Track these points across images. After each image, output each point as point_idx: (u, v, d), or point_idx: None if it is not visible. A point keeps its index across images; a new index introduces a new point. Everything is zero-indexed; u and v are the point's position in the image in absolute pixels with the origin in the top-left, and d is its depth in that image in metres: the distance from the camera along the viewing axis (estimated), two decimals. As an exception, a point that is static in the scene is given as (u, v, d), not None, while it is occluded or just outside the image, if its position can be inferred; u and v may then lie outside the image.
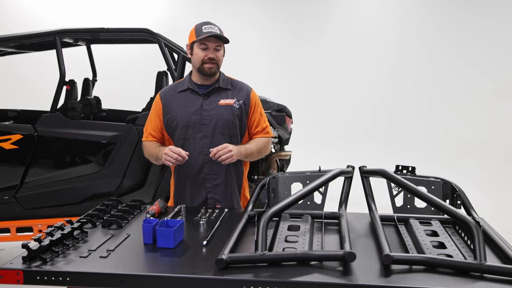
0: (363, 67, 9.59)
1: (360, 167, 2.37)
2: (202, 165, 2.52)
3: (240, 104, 2.55)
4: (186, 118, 2.50)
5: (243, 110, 2.56)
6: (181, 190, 2.58)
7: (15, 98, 7.94)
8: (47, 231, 1.84)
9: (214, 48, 2.44)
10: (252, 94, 2.61)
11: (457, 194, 2.20)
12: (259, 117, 2.62)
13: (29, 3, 9.14)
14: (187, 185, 2.56)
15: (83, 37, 4.42)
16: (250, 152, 2.54)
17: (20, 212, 3.94)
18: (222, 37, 2.43)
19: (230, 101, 2.53)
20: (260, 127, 2.62)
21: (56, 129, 3.94)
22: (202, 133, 2.50)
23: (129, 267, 1.68)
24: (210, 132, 2.50)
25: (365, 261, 1.70)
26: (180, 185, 2.59)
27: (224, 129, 2.51)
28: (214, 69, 2.47)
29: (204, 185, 2.53)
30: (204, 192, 2.54)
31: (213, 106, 2.52)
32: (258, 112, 2.62)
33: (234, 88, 2.59)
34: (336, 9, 9.91)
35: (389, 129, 9.31)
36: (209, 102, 2.52)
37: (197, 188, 2.54)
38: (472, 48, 9.20)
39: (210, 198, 2.54)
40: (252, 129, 2.62)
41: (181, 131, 2.51)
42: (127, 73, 8.92)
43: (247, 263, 1.66)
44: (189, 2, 9.82)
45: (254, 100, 2.61)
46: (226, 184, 2.55)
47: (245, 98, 2.57)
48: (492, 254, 1.79)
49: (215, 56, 2.45)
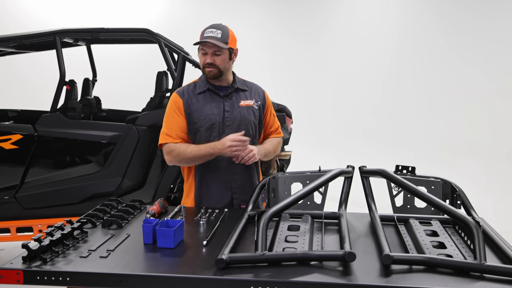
0: (363, 67, 9.59)
1: (360, 167, 2.37)
2: (227, 166, 2.51)
3: (258, 105, 2.58)
4: (210, 120, 2.48)
5: (261, 111, 2.60)
6: (205, 191, 2.54)
7: (15, 98, 7.94)
8: (47, 231, 1.84)
9: (212, 53, 2.42)
10: (266, 96, 2.66)
11: (457, 194, 2.20)
12: (273, 117, 2.68)
13: (29, 3, 9.14)
14: (212, 186, 2.53)
15: (83, 37, 4.42)
16: (268, 151, 2.58)
17: (20, 212, 3.94)
18: (213, 43, 2.37)
19: (250, 102, 2.55)
20: (273, 128, 2.68)
21: (56, 129, 3.94)
22: (226, 134, 2.47)
23: (129, 267, 1.68)
24: (233, 133, 2.47)
25: (365, 261, 1.70)
26: (203, 186, 2.54)
27: (247, 130, 2.50)
28: (213, 73, 2.45)
29: (230, 186, 2.53)
30: (230, 192, 2.53)
31: (235, 107, 2.52)
32: (271, 113, 2.67)
33: (249, 89, 2.61)
34: (336, 9, 9.91)
35: (389, 129, 9.31)
36: (230, 103, 2.52)
37: (222, 190, 2.53)
38: (472, 47, 9.20)
39: (235, 199, 2.53)
40: (267, 129, 2.67)
41: (206, 133, 2.48)
42: (127, 73, 8.92)
43: (247, 263, 1.66)
44: (189, 2, 9.82)
45: (268, 102, 2.66)
46: (248, 185, 2.56)
47: (262, 99, 2.62)
48: (492, 254, 1.79)
49: (214, 61, 2.43)
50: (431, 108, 9.41)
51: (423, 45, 9.47)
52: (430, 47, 9.44)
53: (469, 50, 9.22)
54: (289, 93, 8.57)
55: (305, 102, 9.29)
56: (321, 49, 9.79)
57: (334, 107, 9.67)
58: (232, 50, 2.47)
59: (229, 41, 2.44)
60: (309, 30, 9.84)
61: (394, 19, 9.65)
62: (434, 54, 9.43)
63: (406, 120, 9.38)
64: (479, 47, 9.16)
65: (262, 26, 9.86)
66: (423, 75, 9.48)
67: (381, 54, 9.61)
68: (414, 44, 9.52)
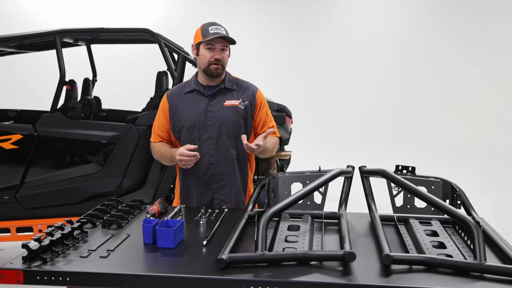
0: (364, 67, 9.60)
1: (360, 167, 2.37)
2: (208, 166, 2.51)
3: (245, 105, 2.54)
4: (192, 119, 2.51)
5: (248, 111, 2.56)
6: (188, 191, 2.58)
7: (15, 98, 7.95)
8: (47, 231, 1.84)
9: (220, 49, 2.44)
10: (258, 94, 2.60)
11: (457, 194, 2.20)
12: (265, 117, 2.60)
13: (29, 3, 9.14)
14: (193, 186, 2.55)
15: (83, 37, 4.42)
16: (266, 147, 2.49)
17: (20, 212, 3.94)
18: (229, 38, 2.43)
19: (235, 102, 2.53)
20: (266, 127, 2.60)
21: (56, 129, 3.94)
22: (208, 135, 2.50)
23: (129, 267, 1.68)
24: (215, 133, 2.50)
25: (365, 261, 1.70)
26: (186, 186, 2.58)
27: (229, 130, 2.50)
28: (220, 70, 2.47)
29: (210, 186, 2.53)
30: (210, 193, 2.54)
31: (218, 107, 2.51)
32: (264, 112, 2.60)
33: (239, 88, 2.58)
34: (336, 9, 9.91)
35: (389, 129, 9.31)
36: (214, 103, 2.52)
37: (203, 189, 2.54)
38: (472, 47, 9.20)
39: (216, 199, 2.53)
40: (259, 129, 2.60)
41: (187, 132, 2.52)
42: (127, 73, 8.92)
43: (247, 263, 1.66)
44: (189, 2, 9.82)
45: (260, 100, 2.60)
46: (231, 185, 2.54)
47: (251, 98, 2.57)
48: (492, 254, 1.79)
49: (221, 57, 2.45)
50: (431, 108, 9.41)
51: (423, 45, 9.47)
52: (430, 47, 9.44)
53: (469, 50, 9.22)
54: (289, 93, 8.57)
55: (305, 102, 9.29)
56: (321, 49, 9.79)
57: (334, 107, 9.67)
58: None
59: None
60: (309, 30, 9.84)
61: (394, 19, 9.65)
62: (434, 54, 9.43)
63: (406, 120, 9.38)
64: (479, 47, 9.16)
65: (262, 26, 9.86)
66: (423, 75, 9.48)
67: (381, 54, 9.62)
68: (414, 44, 9.52)
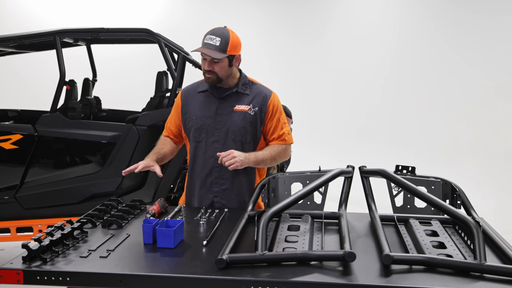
0: (363, 67, 9.59)
1: (360, 167, 2.37)
2: (211, 169, 2.50)
3: (255, 111, 2.49)
4: (201, 121, 2.50)
5: (258, 117, 2.49)
6: (191, 192, 2.58)
7: (15, 98, 7.94)
8: (47, 231, 1.84)
9: (211, 60, 2.38)
10: (271, 100, 2.52)
11: (457, 194, 2.20)
12: (276, 123, 2.52)
13: (29, 3, 9.14)
14: (196, 186, 2.55)
15: (83, 37, 4.42)
16: (262, 158, 2.45)
17: (20, 212, 3.94)
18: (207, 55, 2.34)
19: (245, 107, 2.48)
20: (276, 134, 2.53)
21: (56, 129, 3.94)
22: (215, 138, 2.48)
23: (129, 267, 1.68)
24: (222, 137, 2.47)
25: (365, 261, 1.70)
26: (191, 187, 2.59)
27: (236, 136, 2.47)
28: (212, 80, 2.43)
29: (212, 189, 2.52)
30: (211, 195, 2.53)
31: (227, 111, 2.48)
32: (276, 119, 2.52)
33: (252, 93, 2.52)
34: (336, 8, 9.91)
35: (389, 129, 9.30)
36: (224, 106, 2.49)
37: (205, 191, 2.53)
38: (472, 47, 9.19)
39: (216, 202, 2.52)
40: (268, 135, 2.54)
41: (195, 133, 2.51)
42: (127, 73, 8.91)
43: (247, 263, 1.66)
44: (189, 2, 9.81)
45: (272, 106, 2.51)
46: (233, 190, 2.51)
47: (262, 104, 2.49)
48: (492, 254, 1.79)
49: (212, 68, 2.39)
50: (431, 108, 9.40)
51: (423, 45, 9.46)
52: (430, 47, 9.43)
53: (469, 50, 9.20)
54: (289, 93, 8.55)
55: (305, 102, 9.28)
56: (321, 49, 9.78)
57: (334, 107, 9.66)
58: (233, 57, 2.41)
59: (228, 48, 2.35)
60: (309, 30, 9.83)
61: (394, 19, 9.65)
62: (434, 54, 9.42)
63: (406, 120, 9.37)
64: (479, 47, 9.15)
65: (262, 26, 9.85)
66: (423, 75, 9.47)
67: (381, 53, 9.61)
68: (414, 44, 9.51)
